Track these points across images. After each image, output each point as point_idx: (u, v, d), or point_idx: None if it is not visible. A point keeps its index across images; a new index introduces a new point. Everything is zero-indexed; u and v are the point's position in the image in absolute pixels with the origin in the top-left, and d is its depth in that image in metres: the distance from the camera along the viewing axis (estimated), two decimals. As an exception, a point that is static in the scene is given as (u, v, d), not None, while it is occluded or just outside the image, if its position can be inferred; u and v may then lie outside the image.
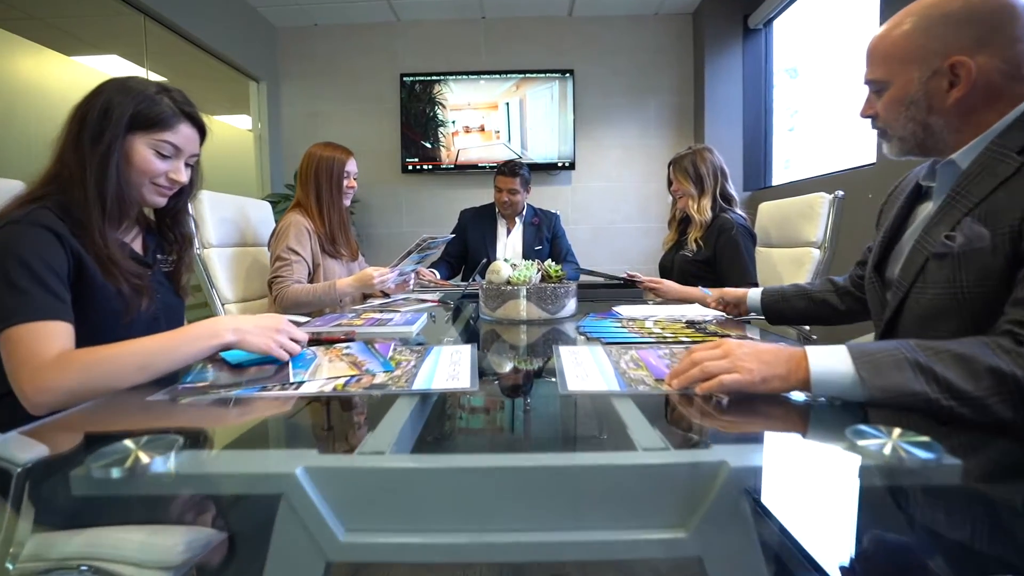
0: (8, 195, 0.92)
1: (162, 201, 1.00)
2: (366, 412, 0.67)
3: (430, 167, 4.04)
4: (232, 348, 0.83)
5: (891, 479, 0.44)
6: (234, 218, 1.88)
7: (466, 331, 1.31)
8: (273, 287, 1.68)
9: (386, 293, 1.83)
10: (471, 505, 0.41)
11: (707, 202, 1.88)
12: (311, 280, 1.77)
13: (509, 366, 0.98)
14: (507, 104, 3.99)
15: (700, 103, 3.89)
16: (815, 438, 0.58)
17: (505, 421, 0.70)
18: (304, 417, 0.68)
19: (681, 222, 2.04)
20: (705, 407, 0.62)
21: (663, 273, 2.05)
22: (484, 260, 2.07)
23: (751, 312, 1.31)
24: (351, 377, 0.74)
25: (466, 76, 3.99)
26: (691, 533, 0.39)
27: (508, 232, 2.67)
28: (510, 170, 2.55)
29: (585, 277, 1.96)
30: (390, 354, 0.87)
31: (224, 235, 1.81)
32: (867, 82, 0.85)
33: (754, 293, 1.30)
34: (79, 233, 0.87)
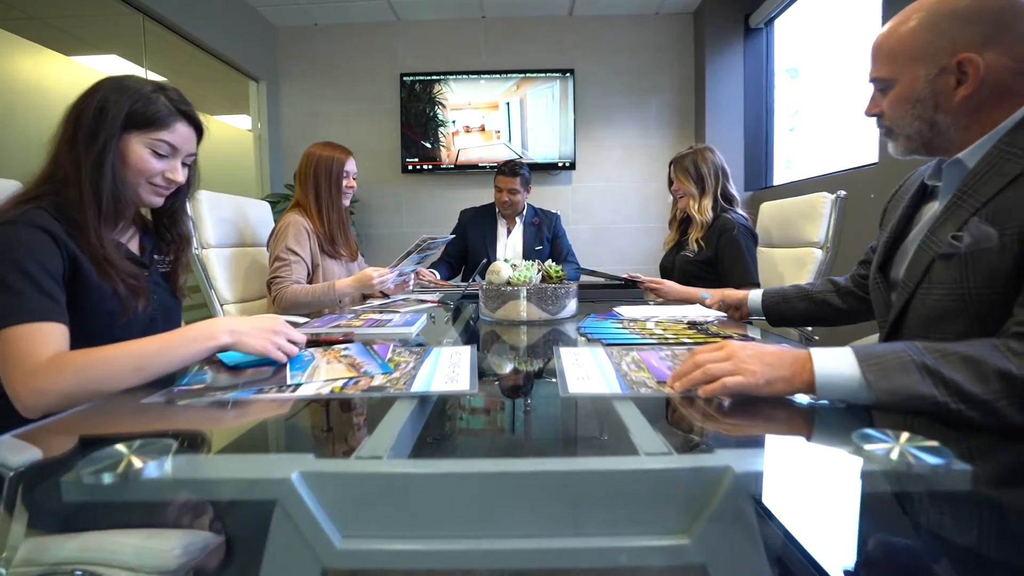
0: (6, 195, 0.91)
1: (159, 201, 0.99)
2: (364, 415, 0.67)
3: (430, 167, 4.03)
4: (229, 350, 0.83)
5: (899, 485, 0.43)
6: (233, 218, 1.87)
7: (466, 332, 1.30)
8: (272, 288, 1.67)
9: (385, 294, 1.82)
10: (470, 511, 0.41)
11: (708, 202, 1.87)
12: (310, 281, 1.76)
13: (509, 368, 0.97)
14: (507, 104, 3.99)
15: (701, 103, 3.88)
16: (820, 442, 0.57)
17: (505, 424, 0.70)
18: (301, 420, 0.67)
19: (682, 222, 2.04)
20: (708, 410, 0.62)
21: (664, 274, 2.04)
22: (484, 260, 2.06)
23: (752, 315, 1.30)
24: (349, 379, 0.73)
25: (466, 76, 3.99)
26: (694, 540, 0.38)
27: (508, 232, 2.67)
28: (510, 170, 2.55)
29: (586, 277, 1.96)
30: (389, 355, 0.86)
31: (223, 235, 1.80)
32: (872, 80, 0.84)
33: (755, 295, 1.29)
34: (74, 233, 0.86)
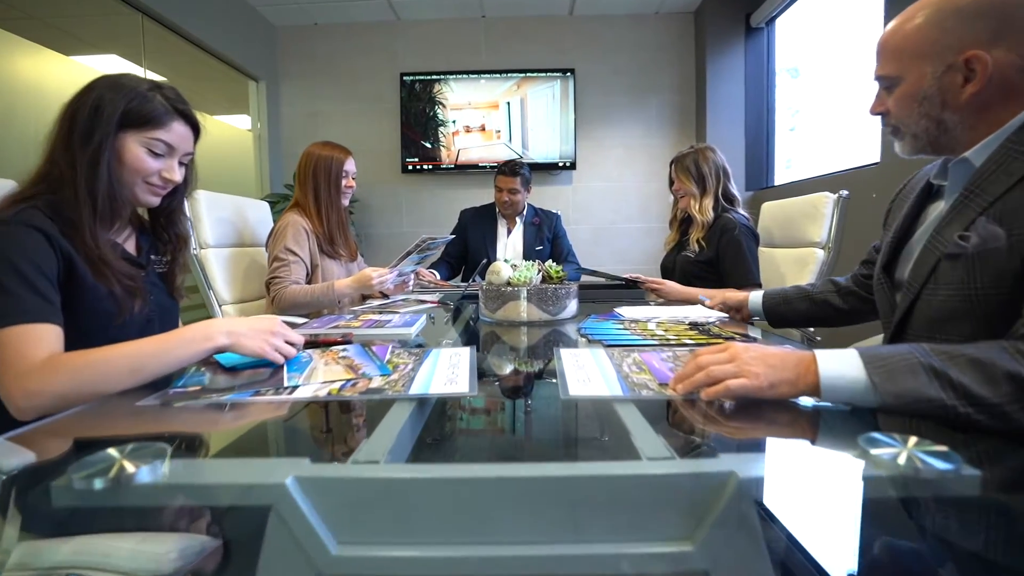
0: (1, 195, 0.90)
1: (156, 200, 0.98)
2: (362, 417, 0.66)
3: (430, 167, 4.03)
4: (226, 351, 0.82)
5: (907, 490, 0.42)
6: (232, 218, 1.87)
7: (466, 333, 1.30)
8: (271, 288, 1.66)
9: (385, 294, 1.82)
10: (469, 516, 0.40)
11: (709, 202, 1.86)
12: (309, 281, 1.76)
13: (509, 369, 0.96)
14: (508, 104, 3.98)
15: (702, 102, 3.88)
16: (826, 446, 0.56)
17: (505, 427, 0.69)
18: (297, 423, 0.66)
19: (683, 222, 2.03)
20: (711, 413, 0.61)
21: (665, 274, 2.03)
22: (484, 260, 2.05)
23: (753, 316, 1.29)
24: (347, 381, 0.72)
25: (466, 75, 3.98)
26: (697, 546, 0.37)
27: (508, 232, 2.66)
28: (511, 170, 2.54)
29: (586, 277, 1.95)
30: (388, 357, 0.85)
31: (221, 235, 1.79)
32: (877, 78, 0.83)
33: (755, 296, 1.29)
34: (69, 233, 0.85)
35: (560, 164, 3.99)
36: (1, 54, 2.24)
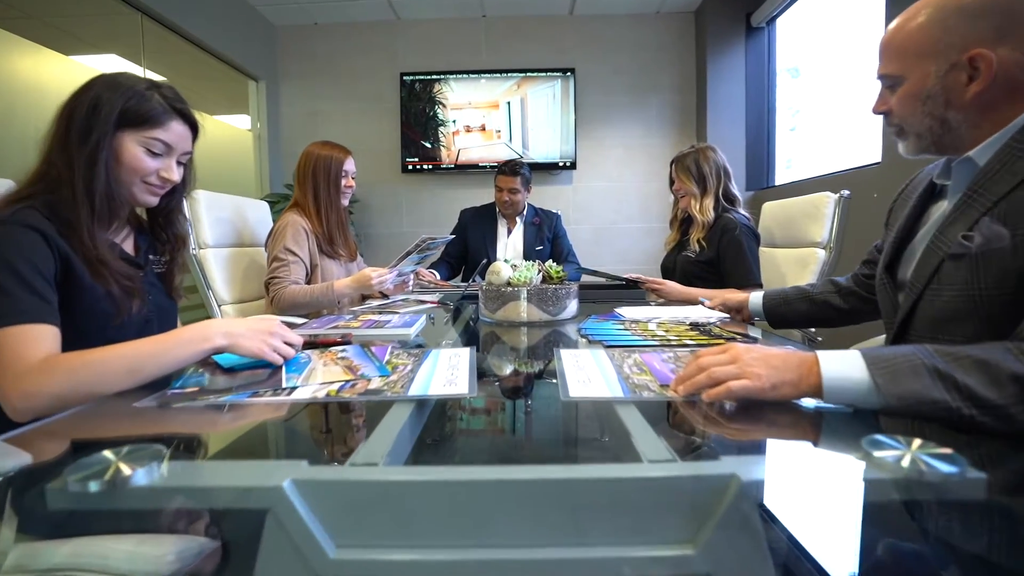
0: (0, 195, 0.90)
1: (154, 200, 0.98)
2: (360, 419, 0.65)
3: (430, 167, 4.02)
4: (224, 352, 0.81)
5: (911, 494, 0.42)
6: (231, 218, 1.86)
7: (465, 333, 1.29)
8: (270, 288, 1.66)
9: (385, 294, 1.81)
10: (468, 520, 0.39)
11: (710, 202, 1.86)
12: (309, 281, 1.75)
13: (509, 370, 0.96)
14: (508, 103, 3.98)
15: (702, 102, 3.87)
16: (829, 448, 0.56)
17: (504, 428, 0.68)
18: (295, 425, 0.66)
19: (683, 222, 2.02)
20: (712, 415, 0.60)
21: (666, 274, 2.02)
22: (484, 261, 2.05)
23: (754, 317, 1.29)
24: (345, 382, 0.72)
25: (467, 75, 3.98)
26: (699, 550, 0.37)
27: (509, 232, 2.65)
28: (511, 169, 2.53)
29: (587, 277, 1.94)
30: (387, 358, 0.85)
31: (221, 235, 1.79)
32: (880, 77, 0.82)
33: (755, 297, 1.28)
34: (67, 233, 0.85)
35: (560, 164, 3.99)
36: (1, 54, 2.24)
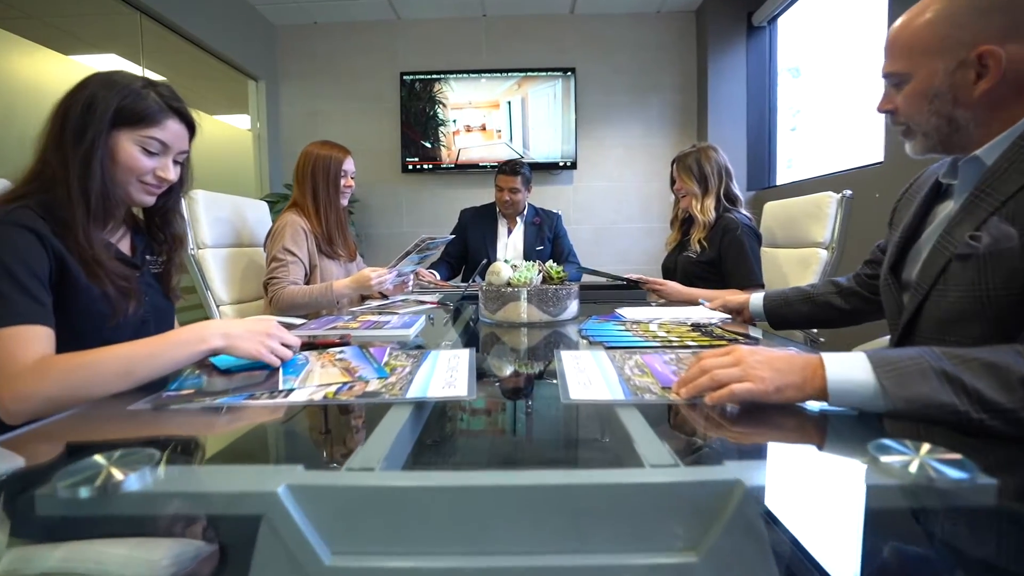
0: (-2, 194, 0.89)
1: (150, 200, 0.97)
2: (358, 422, 0.65)
3: (430, 167, 4.02)
4: (221, 353, 0.81)
5: (919, 500, 0.41)
6: (230, 218, 1.86)
7: (465, 334, 1.29)
8: (269, 288, 1.65)
9: (384, 295, 1.80)
10: (467, 525, 0.39)
11: (711, 202, 1.85)
12: (308, 281, 1.75)
13: (509, 372, 0.95)
14: (508, 103, 3.97)
15: (703, 101, 3.86)
16: (835, 453, 0.55)
17: (504, 431, 0.67)
18: (292, 428, 0.65)
19: (684, 222, 2.01)
20: (716, 418, 0.59)
21: (666, 275, 2.01)
22: (484, 261, 2.04)
23: (754, 318, 1.28)
24: (343, 384, 0.71)
25: (467, 75, 3.97)
26: (702, 557, 0.36)
27: (509, 232, 2.65)
28: (511, 169, 2.53)
29: (587, 278, 1.93)
30: (385, 359, 0.84)
31: (219, 235, 1.78)
32: (886, 75, 0.81)
33: (756, 298, 1.27)
34: (62, 233, 0.84)
35: (561, 164, 3.98)
36: (0, 53, 2.23)
